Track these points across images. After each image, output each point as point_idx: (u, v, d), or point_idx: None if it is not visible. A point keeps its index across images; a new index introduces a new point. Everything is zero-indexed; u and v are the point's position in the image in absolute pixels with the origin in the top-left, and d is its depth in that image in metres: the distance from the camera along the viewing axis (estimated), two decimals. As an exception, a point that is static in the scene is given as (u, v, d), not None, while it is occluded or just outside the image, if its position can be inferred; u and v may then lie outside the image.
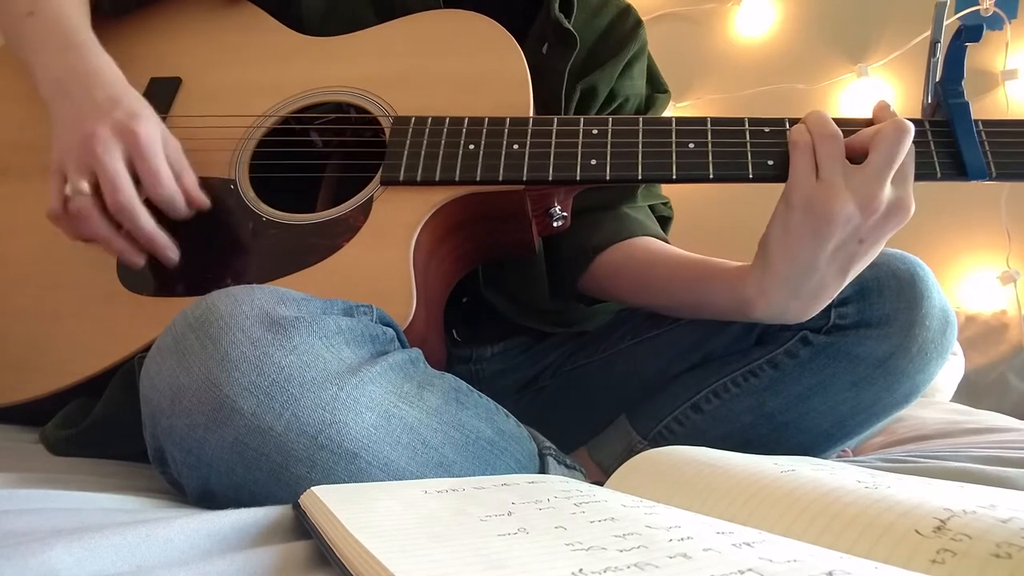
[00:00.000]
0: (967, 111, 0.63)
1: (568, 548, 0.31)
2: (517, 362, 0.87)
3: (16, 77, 0.82)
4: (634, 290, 0.81)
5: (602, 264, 0.82)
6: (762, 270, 0.64)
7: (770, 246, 0.62)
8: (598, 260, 0.81)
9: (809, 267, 0.60)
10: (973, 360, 1.54)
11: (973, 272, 1.72)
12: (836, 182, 0.58)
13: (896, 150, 0.57)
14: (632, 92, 0.89)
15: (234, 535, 0.36)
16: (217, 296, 0.49)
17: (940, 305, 0.67)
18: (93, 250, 0.71)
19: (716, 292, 0.70)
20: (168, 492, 0.52)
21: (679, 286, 0.75)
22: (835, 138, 0.60)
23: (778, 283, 0.63)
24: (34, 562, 0.29)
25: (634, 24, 0.89)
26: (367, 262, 0.65)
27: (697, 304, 0.73)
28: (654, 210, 0.90)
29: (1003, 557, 0.29)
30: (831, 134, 0.60)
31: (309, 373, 0.46)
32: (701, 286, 0.72)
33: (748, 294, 0.65)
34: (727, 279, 0.68)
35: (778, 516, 0.37)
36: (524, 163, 0.66)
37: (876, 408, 0.69)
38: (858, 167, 0.58)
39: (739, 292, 0.66)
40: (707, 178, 0.64)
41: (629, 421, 0.79)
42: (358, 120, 0.74)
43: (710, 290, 0.70)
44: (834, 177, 0.58)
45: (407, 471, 0.49)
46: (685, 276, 0.75)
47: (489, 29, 0.75)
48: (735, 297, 0.67)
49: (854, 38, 1.80)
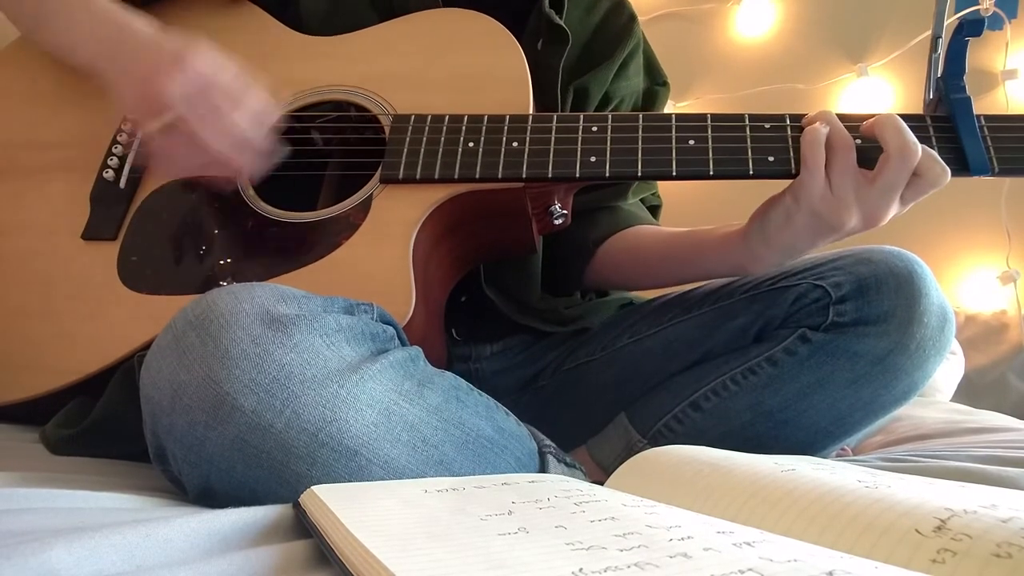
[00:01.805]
0: (969, 106, 0.63)
1: (568, 547, 0.31)
2: (517, 361, 0.87)
3: (17, 77, 0.83)
4: (635, 275, 0.88)
5: (602, 256, 0.87)
6: (759, 242, 0.68)
7: (769, 229, 0.67)
8: (598, 253, 0.87)
9: (807, 249, 0.67)
10: (973, 360, 1.54)
11: (973, 272, 1.72)
12: (847, 197, 0.61)
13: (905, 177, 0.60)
14: (628, 92, 0.90)
15: (234, 534, 0.36)
16: (217, 294, 0.49)
17: (938, 303, 0.67)
18: (92, 249, 0.71)
19: (711, 262, 0.76)
20: (168, 490, 0.52)
21: (675, 264, 0.81)
22: (849, 149, 0.61)
23: (775, 254, 0.69)
24: (34, 562, 0.29)
25: (628, 19, 0.89)
26: (367, 260, 0.65)
27: (694, 275, 0.79)
28: (644, 201, 0.95)
29: (1003, 557, 0.29)
30: (846, 145, 0.61)
31: (309, 370, 0.46)
32: (695, 259, 0.78)
33: (743, 261, 0.71)
34: (720, 249, 0.74)
35: (778, 516, 0.37)
36: (523, 160, 0.66)
37: (875, 405, 0.69)
38: (869, 182, 0.61)
39: (734, 259, 0.72)
40: (707, 174, 0.64)
41: (628, 419, 0.78)
42: (358, 118, 0.74)
43: (704, 261, 0.77)
44: (845, 193, 0.61)
45: (407, 469, 0.49)
46: (679, 254, 0.81)
47: (489, 27, 0.75)
48: (730, 264, 0.73)
49: (854, 38, 1.79)
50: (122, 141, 0.75)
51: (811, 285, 0.70)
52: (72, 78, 0.80)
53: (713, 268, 0.76)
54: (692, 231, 0.80)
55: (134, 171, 0.74)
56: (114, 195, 0.73)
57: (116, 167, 0.74)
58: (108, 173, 0.74)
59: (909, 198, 0.62)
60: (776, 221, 0.66)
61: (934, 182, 0.61)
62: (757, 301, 0.73)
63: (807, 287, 0.70)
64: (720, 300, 0.76)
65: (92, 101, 0.79)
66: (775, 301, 0.72)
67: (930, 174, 0.60)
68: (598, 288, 0.93)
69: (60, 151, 0.77)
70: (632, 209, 0.91)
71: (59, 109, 0.80)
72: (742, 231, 0.71)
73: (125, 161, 0.75)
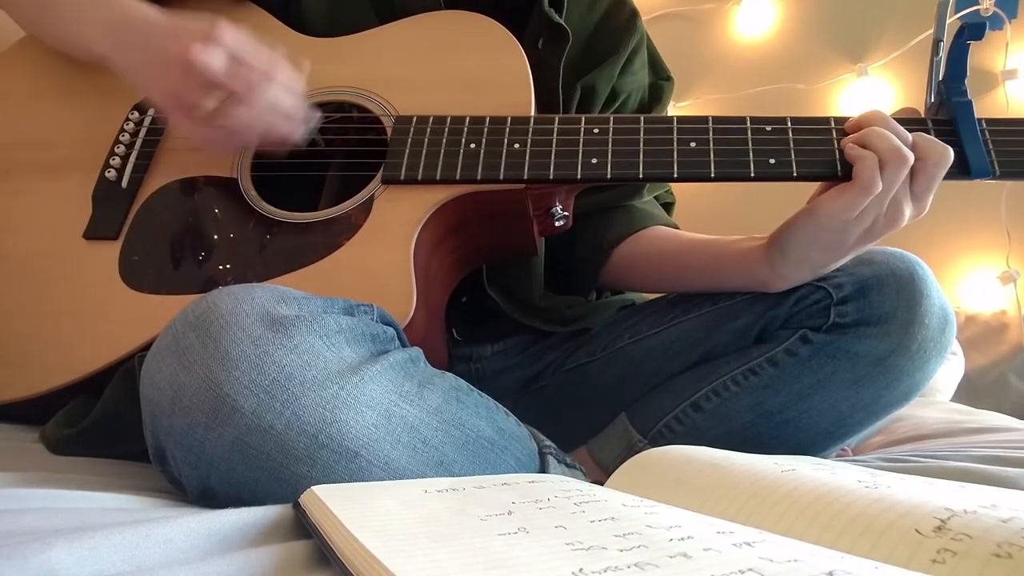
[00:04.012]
0: (971, 109, 0.63)
1: (568, 548, 0.31)
2: (517, 361, 0.87)
3: (20, 77, 0.83)
4: (651, 278, 0.87)
5: (618, 258, 0.87)
6: (780, 258, 0.69)
7: (790, 250, 0.68)
8: (615, 255, 0.86)
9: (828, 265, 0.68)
10: (973, 360, 1.54)
11: (973, 272, 1.72)
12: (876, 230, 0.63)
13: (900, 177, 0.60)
14: (634, 87, 0.89)
15: (234, 535, 0.36)
16: (218, 295, 0.49)
17: (939, 304, 0.67)
18: (94, 248, 0.71)
19: (730, 276, 0.75)
20: (168, 491, 0.52)
21: (693, 272, 0.80)
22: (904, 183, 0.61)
23: (796, 271, 0.69)
24: (34, 562, 0.29)
25: (630, 15, 0.89)
26: (368, 261, 0.65)
27: (712, 286, 0.78)
28: (658, 198, 0.94)
29: (1003, 557, 0.29)
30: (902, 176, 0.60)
31: (310, 372, 0.46)
32: (714, 271, 0.77)
33: (763, 277, 0.71)
34: (740, 265, 0.73)
35: (778, 516, 0.37)
36: (525, 162, 0.66)
37: (875, 406, 0.69)
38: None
39: (754, 275, 0.72)
40: (708, 177, 0.64)
41: (629, 420, 0.78)
42: (360, 120, 0.74)
43: (724, 275, 0.76)
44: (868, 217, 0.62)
45: (407, 470, 0.49)
46: (697, 263, 0.80)
47: (490, 29, 0.75)
48: (750, 278, 0.73)
49: (854, 38, 1.79)
50: (124, 141, 0.76)
51: (812, 286, 0.70)
52: (74, 78, 0.80)
53: (734, 282, 0.75)
54: (712, 242, 0.79)
55: (136, 171, 0.74)
56: (116, 195, 0.73)
57: (118, 167, 0.74)
58: (110, 173, 0.74)
59: (919, 192, 0.61)
60: (796, 244, 0.67)
61: (938, 162, 0.60)
62: (758, 302, 0.73)
63: (808, 288, 0.70)
64: (721, 300, 0.76)
65: (94, 101, 0.79)
66: (776, 302, 0.72)
67: (932, 155, 0.60)
68: (613, 289, 0.93)
69: (62, 151, 0.77)
70: (647, 208, 0.90)
71: (61, 109, 0.80)
72: (763, 250, 0.70)
73: (127, 160, 0.75)
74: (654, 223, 0.88)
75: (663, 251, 0.84)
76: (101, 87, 0.79)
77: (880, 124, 0.61)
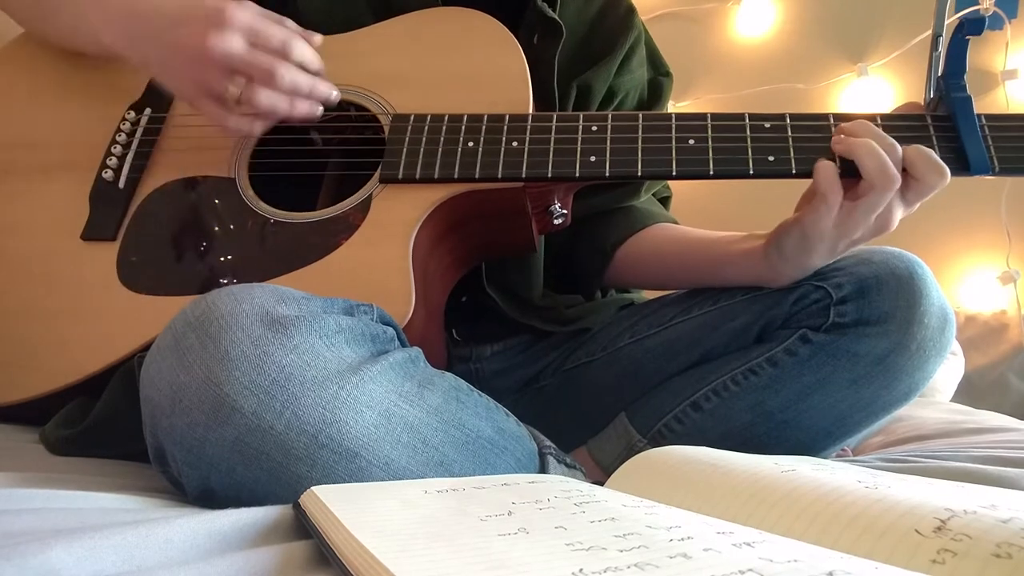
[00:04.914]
0: (970, 105, 0.62)
1: (568, 548, 0.31)
2: (517, 361, 0.87)
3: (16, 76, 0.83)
4: (654, 276, 0.89)
5: (621, 259, 0.88)
6: (779, 258, 0.70)
7: (785, 251, 0.69)
8: (617, 256, 0.88)
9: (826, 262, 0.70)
10: (973, 360, 1.54)
11: (973, 272, 1.72)
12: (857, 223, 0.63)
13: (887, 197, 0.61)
14: (632, 85, 0.89)
15: (234, 535, 0.36)
16: (217, 295, 0.49)
17: (939, 303, 0.67)
18: (92, 249, 0.71)
19: (732, 274, 0.76)
20: (168, 491, 0.52)
21: (694, 271, 0.82)
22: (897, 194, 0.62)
23: (795, 270, 0.71)
24: (34, 562, 0.29)
25: (626, 11, 0.89)
26: (366, 260, 0.64)
27: (714, 282, 0.79)
28: (655, 194, 0.95)
29: (1003, 557, 0.29)
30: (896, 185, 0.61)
31: (309, 372, 0.46)
32: (715, 269, 0.79)
33: (762, 275, 0.72)
34: (742, 265, 0.74)
35: (778, 516, 0.37)
36: (523, 160, 0.66)
37: (875, 406, 0.69)
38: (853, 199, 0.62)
39: (754, 273, 0.73)
40: (707, 174, 0.64)
41: (629, 420, 0.78)
42: (357, 118, 0.74)
43: (725, 273, 0.77)
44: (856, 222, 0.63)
45: (407, 470, 0.49)
46: (698, 262, 0.81)
47: (488, 26, 0.74)
48: (752, 277, 0.74)
49: (854, 38, 1.79)
50: (120, 140, 0.75)
51: (812, 286, 0.70)
52: (70, 77, 0.80)
53: (734, 279, 0.76)
54: (713, 241, 0.80)
55: (133, 171, 0.74)
56: (113, 195, 0.73)
57: (115, 167, 0.74)
58: (107, 173, 0.74)
59: (912, 200, 0.62)
60: (793, 246, 0.68)
61: (935, 184, 0.60)
62: (758, 302, 0.73)
63: (808, 288, 0.70)
64: (721, 300, 0.76)
65: (91, 100, 0.79)
66: (776, 302, 0.72)
67: (929, 178, 0.60)
68: (617, 288, 0.94)
69: (59, 151, 0.77)
70: (647, 207, 0.91)
71: (58, 108, 0.80)
72: (762, 250, 0.72)
73: (124, 161, 0.75)
74: (654, 221, 0.89)
75: (664, 250, 0.86)
76: (97, 86, 0.79)
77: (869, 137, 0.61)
